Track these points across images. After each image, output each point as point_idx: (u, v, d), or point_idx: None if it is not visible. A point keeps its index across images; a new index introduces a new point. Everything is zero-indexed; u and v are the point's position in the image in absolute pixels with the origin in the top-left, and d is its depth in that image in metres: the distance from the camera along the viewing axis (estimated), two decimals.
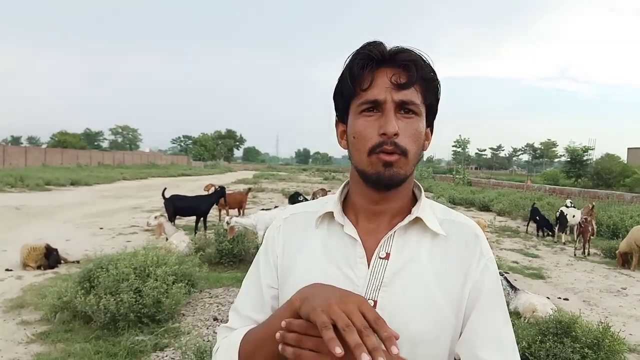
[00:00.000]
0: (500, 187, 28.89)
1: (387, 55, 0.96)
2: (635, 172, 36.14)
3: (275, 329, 0.89)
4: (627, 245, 9.77)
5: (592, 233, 11.32)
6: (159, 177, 38.70)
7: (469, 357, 0.95)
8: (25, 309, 5.66)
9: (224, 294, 6.38)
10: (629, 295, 7.66)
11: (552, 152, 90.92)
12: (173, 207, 10.40)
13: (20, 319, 5.31)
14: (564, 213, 13.15)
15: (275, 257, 1.08)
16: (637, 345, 5.47)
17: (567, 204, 13.95)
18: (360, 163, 0.98)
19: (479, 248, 1.01)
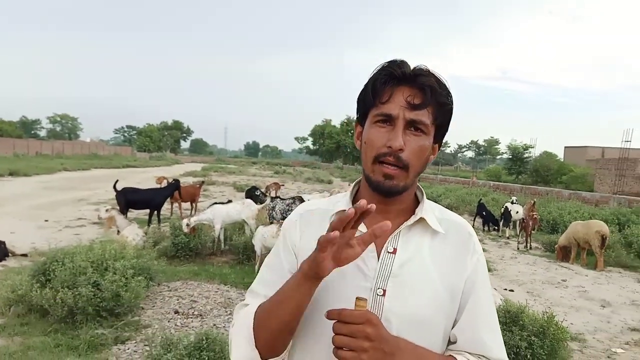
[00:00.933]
0: (447, 183, 29.74)
1: (408, 75, 1.08)
2: (571, 170, 38.07)
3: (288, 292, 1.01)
4: (566, 240, 10.34)
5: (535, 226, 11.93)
6: (102, 168, 37.48)
7: (469, 338, 1.11)
8: None
9: (183, 287, 6.34)
10: (569, 287, 8.14)
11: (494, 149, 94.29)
12: (125, 199, 10.15)
13: None
14: (509, 209, 13.77)
15: (294, 246, 1.18)
16: (578, 333, 5.84)
17: (512, 201, 14.61)
18: (366, 168, 1.11)
19: (472, 245, 1.17)
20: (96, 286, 4.99)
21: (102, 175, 28.74)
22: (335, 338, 0.95)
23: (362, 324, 0.93)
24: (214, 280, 6.76)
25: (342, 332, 0.94)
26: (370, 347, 0.93)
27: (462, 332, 1.11)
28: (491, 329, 1.12)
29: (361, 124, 1.16)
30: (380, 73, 1.09)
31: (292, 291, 1.00)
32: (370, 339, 0.93)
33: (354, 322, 0.94)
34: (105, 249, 5.54)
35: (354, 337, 0.93)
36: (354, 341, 0.93)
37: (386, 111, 1.06)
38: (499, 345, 1.12)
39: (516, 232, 13.31)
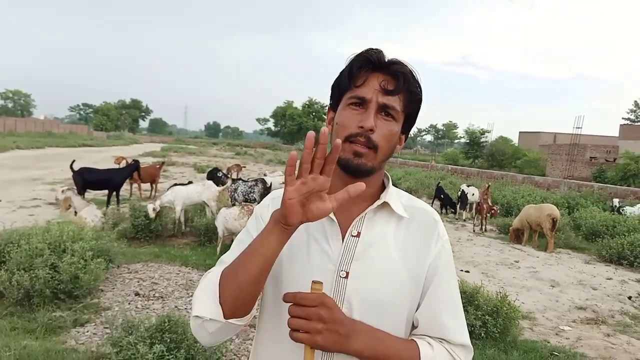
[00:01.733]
0: (407, 167, 30.20)
1: (383, 62, 1.13)
2: (525, 155, 39.25)
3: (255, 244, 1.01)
4: (519, 223, 10.74)
5: (491, 211, 12.27)
6: (57, 146, 36.26)
7: (430, 321, 1.14)
8: None
9: (144, 269, 6.29)
10: (521, 268, 8.48)
11: (453, 133, 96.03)
12: (82, 180, 9.89)
13: None
14: (465, 192, 14.14)
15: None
16: (529, 312, 6.12)
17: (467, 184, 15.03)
18: None
19: (437, 231, 1.20)
20: (54, 268, 4.89)
21: (57, 154, 27.83)
22: (291, 320, 0.98)
23: (317, 307, 0.97)
24: (175, 262, 6.72)
25: (297, 315, 0.98)
26: (324, 328, 0.97)
27: (424, 316, 1.14)
28: (453, 313, 1.15)
29: (334, 109, 1.19)
30: (358, 58, 1.13)
31: (260, 241, 1.00)
32: (324, 321, 0.97)
33: (308, 305, 0.97)
34: (63, 230, 5.42)
35: (308, 319, 0.97)
36: (308, 323, 0.97)
37: (360, 94, 1.10)
38: (460, 330, 1.15)
39: (472, 215, 13.73)
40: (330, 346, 0.99)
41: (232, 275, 1.03)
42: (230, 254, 1.16)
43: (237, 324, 1.05)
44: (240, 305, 1.04)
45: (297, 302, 0.98)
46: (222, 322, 1.03)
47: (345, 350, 1.01)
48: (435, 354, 1.10)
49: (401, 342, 1.10)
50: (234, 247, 1.20)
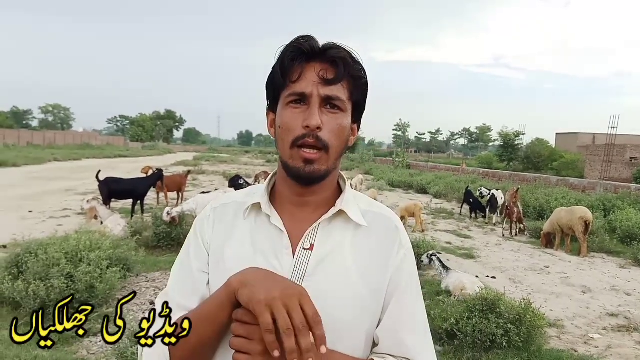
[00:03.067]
0: (438, 170, 29.79)
1: (317, 50, 1.00)
2: (562, 157, 38.21)
3: (210, 312, 0.94)
4: (550, 226, 10.36)
5: (519, 216, 11.90)
6: (93, 158, 37.25)
7: (390, 340, 1.03)
8: None
9: (162, 277, 6.30)
10: (551, 274, 8.16)
11: (486, 136, 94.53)
12: (108, 190, 10.07)
13: None
14: (495, 196, 13.79)
15: (205, 242, 1.09)
16: (557, 320, 5.86)
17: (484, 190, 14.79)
18: (284, 154, 1.02)
19: (399, 239, 1.08)
20: (69, 278, 4.94)
21: (93, 165, 28.48)
22: (232, 340, 0.89)
23: (258, 325, 0.86)
24: None
25: (238, 334, 0.89)
26: (264, 350, 0.86)
27: (384, 333, 1.03)
28: (415, 330, 1.05)
29: (273, 110, 1.07)
30: (287, 50, 1.01)
31: (215, 310, 0.93)
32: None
33: (249, 323, 0.88)
34: (80, 240, 5.48)
35: (250, 339, 0.88)
36: (249, 343, 0.87)
37: (298, 90, 0.99)
38: (424, 349, 1.05)
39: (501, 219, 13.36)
40: None
41: (184, 342, 0.91)
42: (173, 285, 1.08)
43: None
44: None
45: (237, 319, 0.89)
46: None
47: None
48: None
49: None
50: (176, 270, 1.10)
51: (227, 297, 0.91)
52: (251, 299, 0.86)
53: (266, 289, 0.86)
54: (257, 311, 0.84)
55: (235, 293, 0.89)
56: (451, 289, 6.05)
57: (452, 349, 4.60)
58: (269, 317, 0.82)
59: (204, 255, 1.08)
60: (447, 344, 4.66)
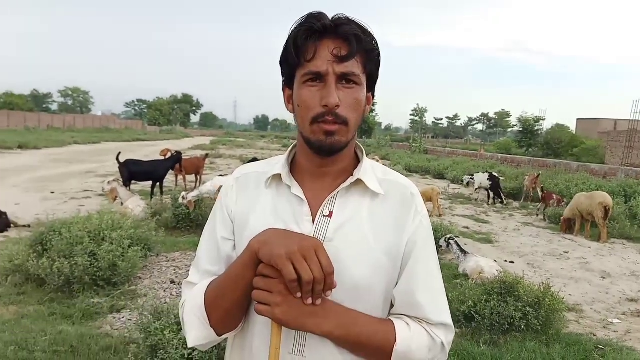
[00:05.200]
0: (455, 156, 29.52)
1: (329, 27, 1.02)
2: (583, 143, 37.66)
3: (237, 273, 1.01)
4: (570, 212, 10.25)
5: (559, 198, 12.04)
6: (112, 141, 37.62)
7: (405, 300, 1.08)
8: None
9: (181, 257, 6.39)
10: (570, 259, 8.09)
11: (505, 122, 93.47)
12: (128, 172, 10.20)
13: None
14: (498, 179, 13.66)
15: (230, 212, 1.15)
16: (576, 304, 5.83)
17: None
18: (304, 130, 1.06)
19: (415, 206, 1.12)
20: (93, 256, 5.04)
21: (112, 148, 28.83)
22: (254, 292, 0.96)
23: (277, 279, 0.94)
24: None
25: (258, 286, 0.96)
26: (283, 301, 0.94)
27: (400, 294, 1.08)
28: (431, 291, 1.09)
29: (289, 86, 1.11)
30: (299, 29, 1.03)
31: (241, 271, 1.00)
32: (284, 294, 0.94)
33: (269, 276, 0.94)
34: (103, 220, 5.57)
35: (269, 291, 0.94)
36: (268, 295, 0.94)
37: (314, 69, 1.01)
38: (439, 309, 1.09)
39: (522, 204, 13.28)
40: (291, 321, 0.95)
41: (217, 300, 1.03)
42: (201, 252, 1.16)
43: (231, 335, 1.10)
44: (230, 323, 1.07)
45: (259, 272, 0.96)
46: (217, 339, 1.08)
47: (311, 328, 0.97)
48: (413, 334, 1.04)
49: (376, 322, 1.04)
50: (204, 239, 1.19)
51: (249, 258, 0.97)
52: (272, 254, 0.92)
53: (285, 245, 0.92)
54: (280, 264, 0.91)
55: (257, 252, 0.95)
56: (469, 273, 6.04)
57: (470, 331, 4.62)
58: (291, 268, 0.90)
59: (228, 223, 1.15)
60: (465, 327, 4.67)
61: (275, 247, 0.93)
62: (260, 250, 0.95)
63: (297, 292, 0.93)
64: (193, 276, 1.16)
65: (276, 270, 0.93)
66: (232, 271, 1.03)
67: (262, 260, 0.95)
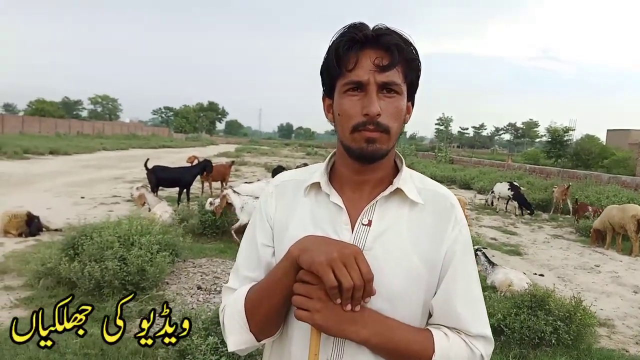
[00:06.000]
0: (482, 166, 29.20)
1: (370, 37, 1.03)
2: (614, 154, 36.80)
3: (277, 279, 1.02)
4: (601, 224, 10.03)
5: (595, 209, 11.83)
6: (139, 148, 38.30)
7: (444, 310, 1.08)
8: (8, 274, 5.67)
9: (208, 264, 6.44)
10: (601, 272, 7.91)
11: (533, 132, 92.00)
12: (156, 178, 10.34)
13: (3, 285, 5.32)
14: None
15: (269, 218, 1.17)
16: (607, 319, 5.68)
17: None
18: (344, 139, 1.07)
19: (454, 216, 1.11)
20: (122, 260, 5.11)
21: (139, 154, 29.32)
22: (294, 297, 0.98)
23: (317, 285, 0.95)
24: None
25: (298, 292, 0.97)
26: (323, 307, 0.95)
27: (439, 304, 1.08)
28: (470, 301, 1.08)
29: (329, 96, 1.12)
30: (342, 39, 1.04)
31: (281, 277, 1.02)
32: (324, 300, 0.95)
33: (310, 282, 0.96)
34: (132, 225, 5.66)
35: (309, 297, 0.96)
36: (308, 301, 0.96)
37: (355, 78, 1.02)
38: (477, 320, 1.08)
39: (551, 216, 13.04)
40: (331, 327, 0.96)
41: (257, 306, 1.05)
42: (241, 258, 1.19)
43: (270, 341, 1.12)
44: (269, 329, 1.09)
45: (299, 278, 0.98)
46: (256, 345, 1.10)
47: (350, 335, 0.98)
48: (451, 345, 1.04)
49: (414, 331, 1.04)
50: (244, 246, 1.21)
51: (289, 264, 0.99)
52: (313, 261, 0.93)
53: (325, 252, 0.93)
54: (320, 271, 0.92)
55: (297, 259, 0.97)
56: (497, 285, 5.94)
57: (499, 344, 4.53)
58: (332, 275, 0.91)
59: (268, 230, 1.16)
60: (494, 340, 4.59)
61: (316, 254, 0.94)
62: (300, 257, 0.96)
63: (337, 299, 0.93)
64: (233, 282, 1.17)
65: (316, 276, 0.94)
66: (272, 277, 1.05)
67: (302, 266, 0.96)
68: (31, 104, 69.16)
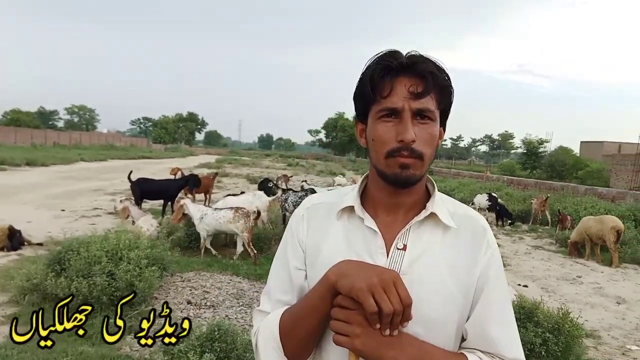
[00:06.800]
0: (461, 177, 29.52)
1: (405, 64, 1.05)
2: (587, 165, 37.56)
3: (313, 304, 1.03)
4: (577, 235, 10.22)
5: (572, 223, 12.03)
6: (118, 159, 37.79)
7: (478, 333, 1.08)
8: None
9: (196, 277, 6.38)
10: (584, 284, 8.06)
11: (509, 143, 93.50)
12: (140, 190, 10.24)
13: None
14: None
15: (301, 242, 1.18)
16: (593, 330, 5.79)
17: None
18: (378, 164, 1.08)
19: (486, 240, 1.13)
20: (110, 275, 5.04)
21: (118, 165, 28.99)
22: (332, 323, 0.98)
23: (356, 310, 0.95)
24: (227, 272, 6.79)
25: (337, 317, 0.97)
26: (362, 332, 0.95)
27: (473, 328, 1.08)
28: (504, 325, 1.09)
29: (362, 121, 1.14)
30: (377, 67, 1.06)
31: (317, 301, 1.02)
32: (364, 325, 0.95)
33: (349, 308, 0.96)
34: (120, 239, 5.58)
35: (348, 322, 0.96)
36: (347, 326, 0.96)
37: (390, 105, 1.04)
38: (512, 343, 1.08)
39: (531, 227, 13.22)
40: (369, 352, 0.96)
41: (294, 330, 1.06)
42: (273, 281, 1.20)
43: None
44: (303, 354, 1.09)
45: (338, 304, 0.98)
46: None
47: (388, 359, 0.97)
48: None
49: (450, 356, 1.05)
50: (275, 269, 1.22)
51: (327, 289, 0.99)
52: (352, 287, 0.94)
53: (365, 277, 0.94)
54: (361, 297, 0.92)
55: (335, 284, 0.97)
56: None
57: None
58: (373, 302, 0.92)
59: (300, 253, 1.17)
60: None
61: (356, 279, 0.94)
62: (339, 282, 0.97)
63: (376, 324, 0.94)
64: (265, 305, 1.18)
65: (355, 301, 0.94)
66: (308, 301, 1.05)
67: (340, 291, 0.97)
68: (6, 114, 67.72)
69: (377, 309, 0.91)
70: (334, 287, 0.98)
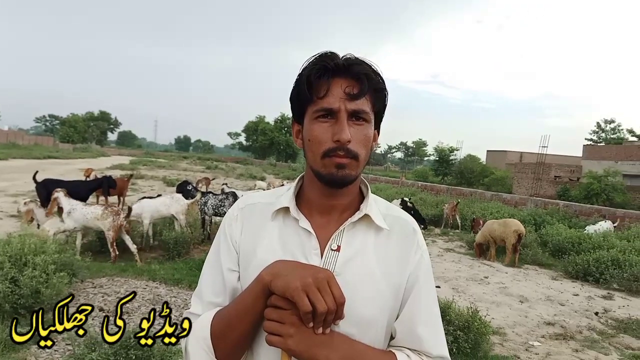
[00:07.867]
0: (378, 182, 30.31)
1: (341, 66, 1.08)
2: (493, 173, 39.92)
3: (246, 305, 1.02)
4: (482, 238, 10.90)
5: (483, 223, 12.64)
6: (21, 158, 35.18)
7: (407, 332, 1.12)
8: None
9: (109, 283, 6.08)
10: (490, 284, 8.55)
11: (422, 151, 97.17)
12: (47, 192, 9.57)
13: None
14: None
15: (235, 242, 1.16)
16: (499, 328, 6.15)
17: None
18: (314, 164, 1.10)
19: (416, 241, 1.18)
20: (14, 282, 4.71)
21: (21, 165, 26.98)
22: (265, 323, 0.98)
23: (290, 310, 0.96)
24: (142, 277, 6.52)
25: (271, 318, 0.97)
26: (296, 332, 0.95)
27: (401, 326, 1.12)
28: (431, 324, 1.13)
29: (298, 122, 1.15)
30: (313, 68, 1.07)
31: (250, 302, 1.01)
32: (297, 325, 0.95)
33: (282, 308, 0.96)
34: (25, 243, 5.22)
35: (281, 322, 0.96)
36: (281, 326, 0.96)
37: (326, 105, 1.06)
38: (437, 342, 1.13)
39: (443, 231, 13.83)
40: (302, 352, 0.97)
41: (226, 332, 1.04)
42: (205, 288, 1.17)
43: None
44: (236, 355, 1.08)
45: (271, 304, 0.98)
46: None
47: (320, 359, 0.98)
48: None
49: (380, 354, 1.08)
50: (207, 270, 1.19)
51: (260, 289, 0.99)
52: (287, 287, 0.94)
53: (299, 277, 0.95)
54: (296, 297, 0.93)
55: (269, 284, 0.97)
56: None
57: None
58: (307, 301, 0.92)
59: (233, 254, 1.16)
60: None
61: (290, 279, 0.95)
62: (273, 282, 0.97)
63: (309, 323, 0.95)
64: (195, 307, 1.15)
65: (289, 301, 0.95)
66: (241, 303, 1.04)
67: (274, 292, 0.97)
68: None
69: (311, 308, 0.92)
70: (268, 287, 0.98)
